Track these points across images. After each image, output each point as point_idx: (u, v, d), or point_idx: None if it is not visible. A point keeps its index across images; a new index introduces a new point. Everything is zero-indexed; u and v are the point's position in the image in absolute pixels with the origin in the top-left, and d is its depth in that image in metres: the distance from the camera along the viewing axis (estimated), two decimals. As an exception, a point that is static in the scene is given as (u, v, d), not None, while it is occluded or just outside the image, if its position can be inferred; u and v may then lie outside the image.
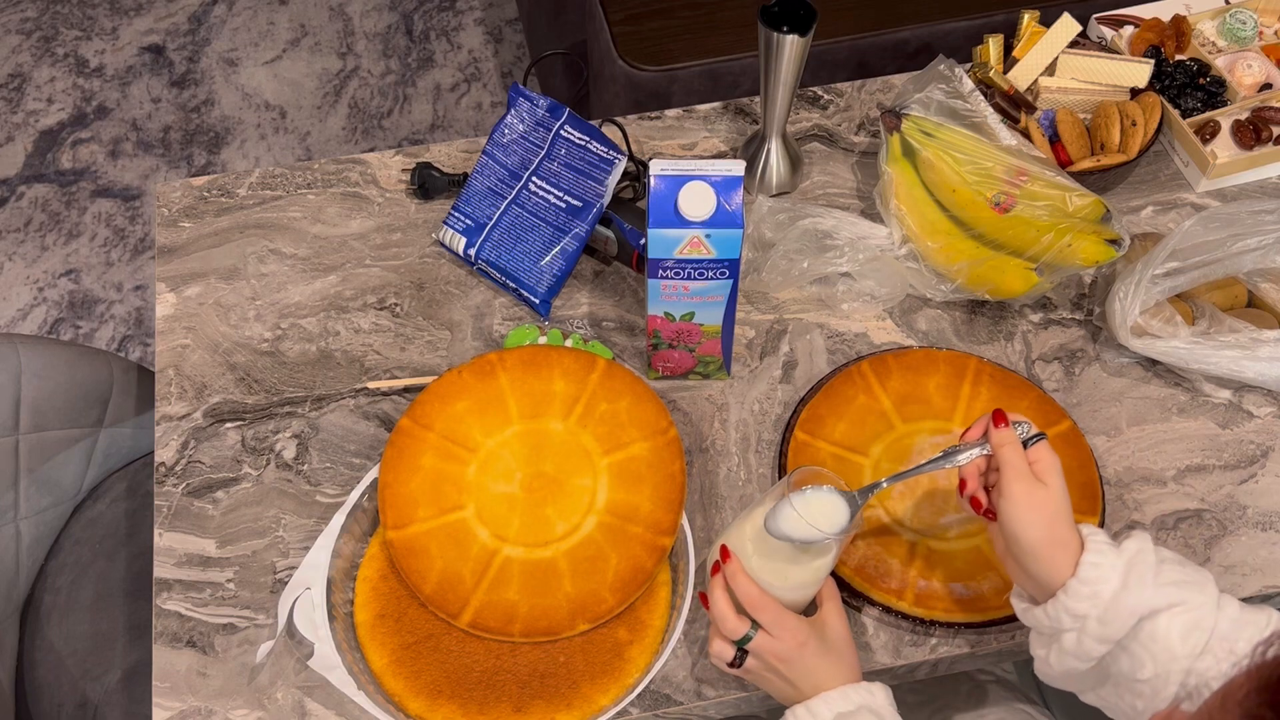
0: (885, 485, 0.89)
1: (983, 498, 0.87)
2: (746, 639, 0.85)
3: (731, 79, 1.63)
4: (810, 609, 0.90)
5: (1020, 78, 1.30)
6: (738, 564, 0.86)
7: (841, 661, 0.87)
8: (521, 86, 1.20)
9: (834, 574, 0.99)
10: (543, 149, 1.18)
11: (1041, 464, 0.84)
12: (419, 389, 1.12)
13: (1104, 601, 0.80)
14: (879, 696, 0.85)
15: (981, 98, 1.20)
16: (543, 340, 1.14)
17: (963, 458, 0.87)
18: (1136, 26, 1.37)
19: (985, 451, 0.87)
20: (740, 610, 0.86)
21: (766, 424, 1.10)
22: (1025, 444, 0.85)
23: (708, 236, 0.96)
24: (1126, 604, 0.80)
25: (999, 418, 0.86)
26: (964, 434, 0.89)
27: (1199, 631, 0.79)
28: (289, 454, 1.09)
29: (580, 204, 1.16)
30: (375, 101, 2.50)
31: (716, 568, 0.87)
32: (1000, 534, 0.85)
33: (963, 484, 0.88)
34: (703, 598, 0.89)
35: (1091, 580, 0.81)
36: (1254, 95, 1.30)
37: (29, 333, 2.16)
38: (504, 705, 0.93)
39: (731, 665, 0.87)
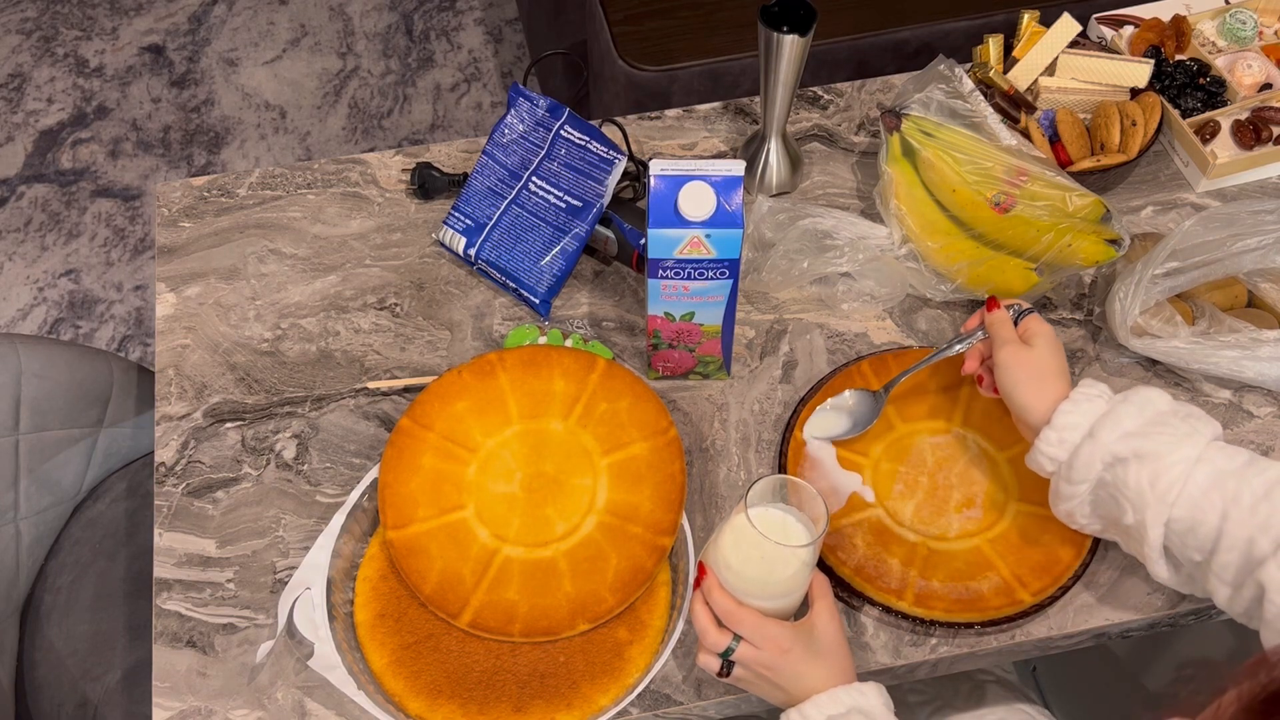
0: (901, 378, 1.05)
1: (986, 376, 1.00)
2: (729, 650, 0.85)
3: (731, 79, 1.63)
4: (805, 609, 0.90)
5: (1020, 78, 1.30)
6: (713, 579, 0.86)
7: (832, 663, 0.86)
8: (521, 86, 1.20)
9: (834, 574, 0.99)
10: (543, 149, 1.18)
11: (1029, 331, 0.96)
12: (419, 389, 1.12)
13: (1070, 446, 0.89)
14: (871, 697, 0.85)
15: (981, 98, 1.20)
16: (543, 340, 1.14)
17: (961, 346, 1.02)
18: (1136, 26, 1.37)
19: (983, 337, 1.00)
20: (722, 623, 0.86)
21: (766, 424, 1.10)
22: (1016, 320, 0.98)
23: (708, 236, 0.96)
24: (1087, 451, 0.88)
25: (991, 303, 0.99)
26: (964, 325, 1.02)
27: (1166, 479, 0.85)
28: (289, 454, 1.09)
29: (580, 204, 1.16)
30: (375, 101, 2.50)
31: (698, 583, 0.88)
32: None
33: (964, 363, 1.01)
34: (691, 612, 0.90)
35: (1061, 427, 0.90)
36: (1254, 95, 1.30)
37: (29, 333, 2.16)
38: (504, 705, 0.94)
39: (720, 676, 0.87)
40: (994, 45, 1.31)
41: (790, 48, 1.11)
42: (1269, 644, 0.81)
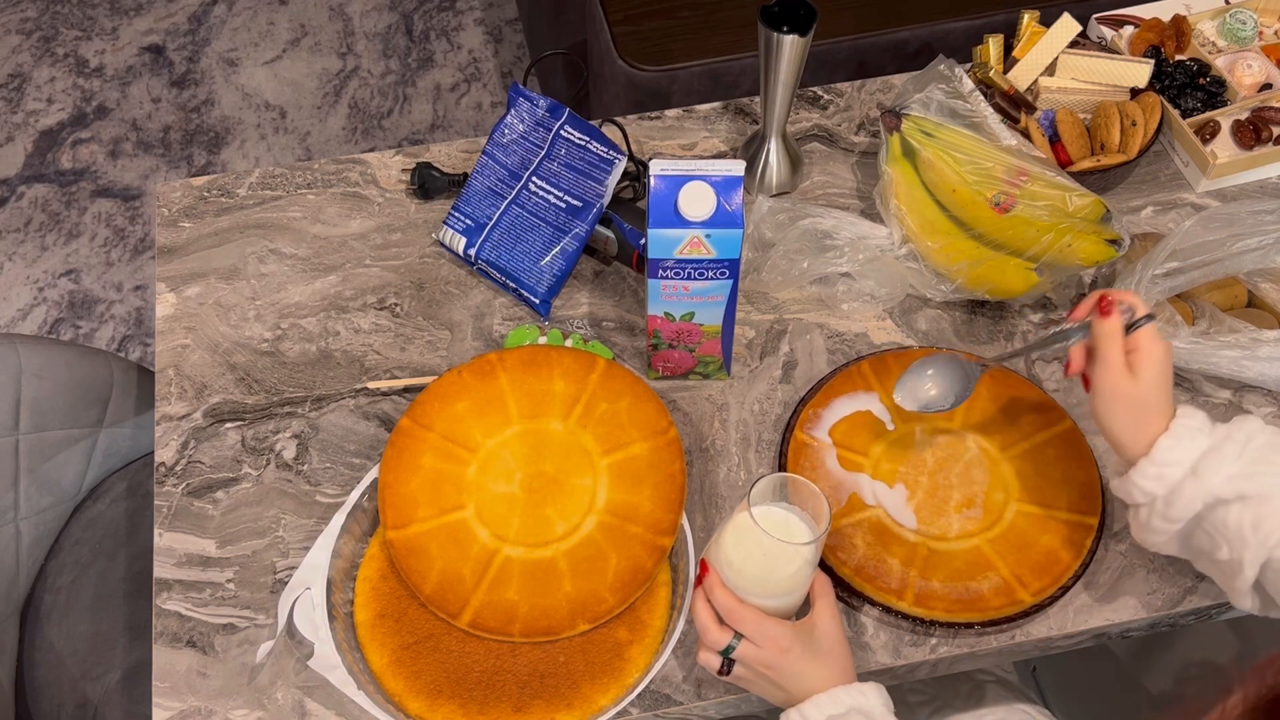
0: (991, 365, 0.97)
1: (1091, 374, 0.91)
2: (730, 649, 0.85)
3: (731, 79, 1.63)
4: (805, 609, 0.90)
5: (1020, 78, 1.30)
6: (715, 577, 0.86)
7: (832, 663, 0.86)
8: (521, 86, 1.20)
9: (834, 574, 0.99)
10: (543, 149, 1.18)
11: (1138, 353, 0.88)
12: (419, 389, 1.12)
13: (1170, 483, 0.85)
14: (871, 697, 0.85)
15: (981, 98, 1.20)
16: (543, 340, 1.14)
17: (1075, 337, 0.92)
18: (1136, 26, 1.37)
19: (1086, 336, 0.91)
20: (724, 621, 0.86)
21: (766, 424, 1.10)
22: (1130, 328, 0.89)
23: (708, 236, 0.96)
24: (1189, 490, 0.84)
25: (1105, 305, 0.89)
26: (1070, 313, 0.94)
27: (1270, 523, 0.82)
28: (289, 454, 1.09)
29: (580, 204, 1.16)
30: (375, 101, 2.50)
31: (699, 581, 0.88)
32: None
33: (1069, 364, 0.93)
34: (693, 610, 0.90)
35: (1160, 463, 0.85)
36: (1254, 95, 1.30)
37: (29, 333, 2.16)
38: (504, 705, 0.93)
39: (720, 674, 0.87)
40: (994, 45, 1.31)
41: (790, 48, 1.11)
42: None
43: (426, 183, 1.25)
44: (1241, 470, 0.84)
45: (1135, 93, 1.28)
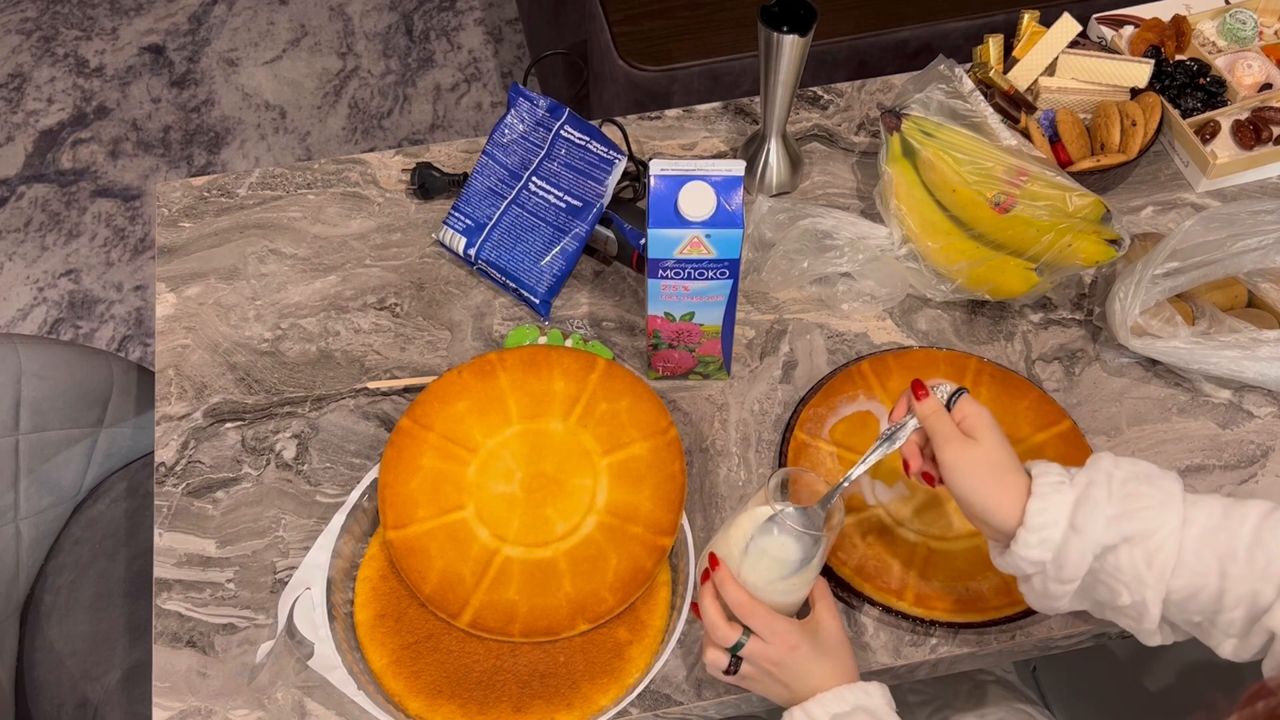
0: (844, 485, 0.88)
1: (933, 471, 0.88)
2: (739, 645, 0.85)
3: (731, 79, 1.63)
4: (805, 610, 0.91)
5: (1020, 78, 1.29)
6: (726, 571, 0.86)
7: (836, 662, 0.87)
8: (521, 86, 1.20)
9: (834, 574, 0.99)
10: (543, 149, 1.18)
11: (969, 420, 0.86)
12: (419, 389, 1.12)
13: (1054, 545, 0.82)
14: (875, 696, 0.85)
15: (981, 98, 1.20)
16: (543, 340, 1.14)
17: (900, 436, 0.88)
18: (1136, 26, 1.37)
19: (917, 426, 0.88)
20: (731, 617, 0.86)
21: (766, 424, 1.10)
22: (949, 404, 0.87)
23: (708, 236, 0.96)
24: (1076, 547, 0.81)
25: (918, 389, 0.88)
26: (890, 414, 0.91)
27: (1162, 556, 0.80)
28: (289, 454, 1.09)
29: (580, 204, 1.16)
30: (375, 101, 2.50)
31: (706, 575, 0.88)
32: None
33: (906, 465, 0.89)
34: (694, 608, 0.89)
35: (1038, 527, 0.82)
36: (1254, 95, 1.30)
37: (29, 333, 2.16)
38: (504, 705, 0.93)
39: (727, 673, 0.87)
40: (994, 45, 1.31)
41: (790, 48, 1.11)
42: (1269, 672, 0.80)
43: (426, 183, 1.25)
44: (1117, 511, 0.81)
45: (1135, 93, 1.28)
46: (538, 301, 1.16)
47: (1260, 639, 0.80)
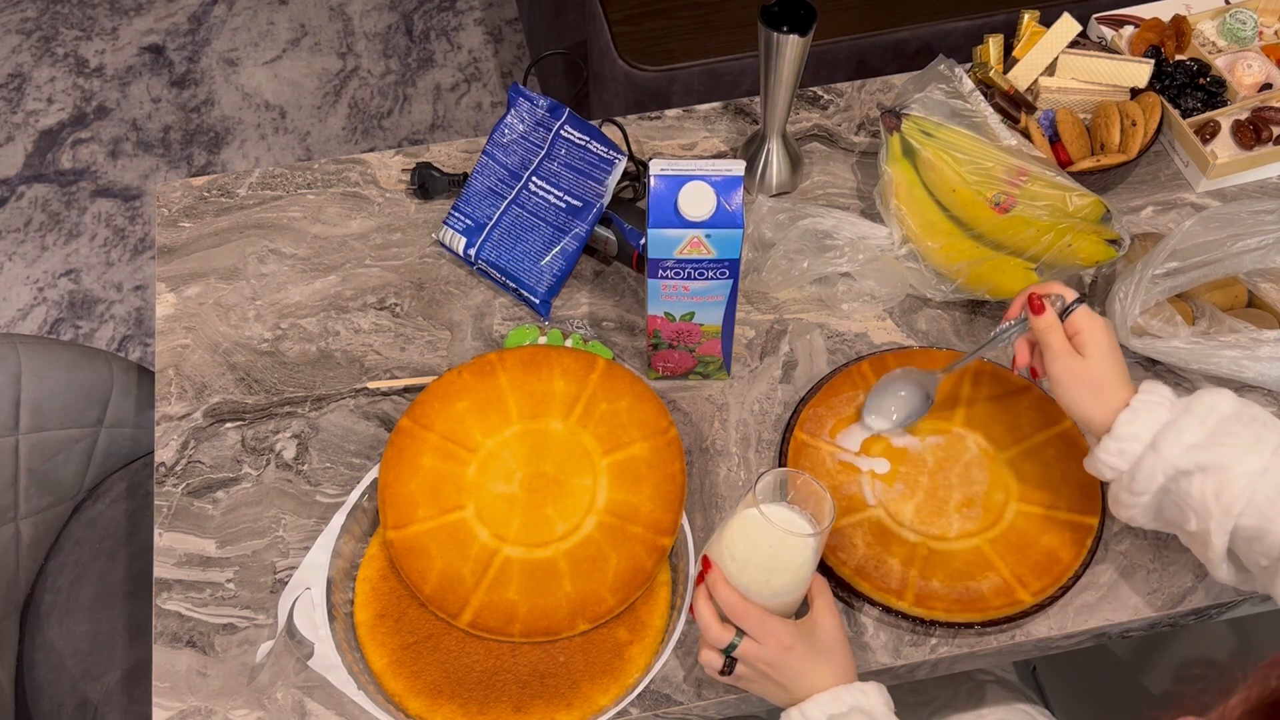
0: (953, 369, 1.02)
1: (1039, 367, 0.96)
2: (732, 646, 0.85)
3: (731, 79, 1.63)
4: (804, 610, 0.90)
5: (1020, 78, 1.29)
6: (718, 573, 0.86)
7: (833, 662, 0.86)
8: (521, 86, 1.20)
9: (833, 574, 0.99)
10: (543, 149, 1.18)
11: (1081, 335, 0.92)
12: (419, 389, 1.12)
13: (1132, 457, 0.88)
14: (872, 696, 0.85)
15: (981, 98, 1.20)
16: (543, 340, 1.14)
17: (1014, 331, 0.97)
18: (1136, 26, 1.37)
19: (1026, 328, 0.95)
20: (725, 619, 0.86)
21: (766, 424, 1.10)
22: (1064, 315, 0.93)
23: (708, 236, 0.96)
24: (1149, 463, 0.87)
25: (1036, 304, 0.93)
26: (1005, 312, 0.97)
27: (1231, 491, 0.84)
28: (289, 454, 1.09)
29: (580, 204, 1.16)
30: (375, 101, 2.50)
31: (700, 578, 0.88)
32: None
33: (1015, 359, 0.98)
34: (692, 610, 0.89)
35: (1121, 438, 0.88)
36: (1254, 95, 1.30)
37: (29, 333, 2.16)
38: (504, 705, 0.94)
39: (722, 674, 0.87)
40: (994, 45, 1.31)
41: (790, 48, 1.11)
42: None
43: (426, 183, 1.25)
44: (1200, 441, 0.86)
45: (1135, 93, 1.28)
46: (538, 301, 1.16)
47: None
